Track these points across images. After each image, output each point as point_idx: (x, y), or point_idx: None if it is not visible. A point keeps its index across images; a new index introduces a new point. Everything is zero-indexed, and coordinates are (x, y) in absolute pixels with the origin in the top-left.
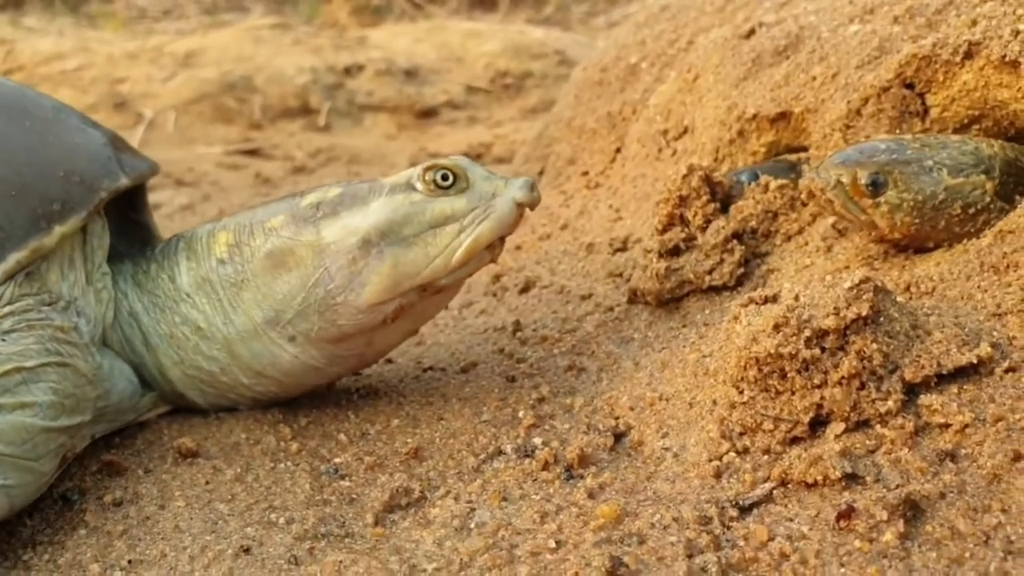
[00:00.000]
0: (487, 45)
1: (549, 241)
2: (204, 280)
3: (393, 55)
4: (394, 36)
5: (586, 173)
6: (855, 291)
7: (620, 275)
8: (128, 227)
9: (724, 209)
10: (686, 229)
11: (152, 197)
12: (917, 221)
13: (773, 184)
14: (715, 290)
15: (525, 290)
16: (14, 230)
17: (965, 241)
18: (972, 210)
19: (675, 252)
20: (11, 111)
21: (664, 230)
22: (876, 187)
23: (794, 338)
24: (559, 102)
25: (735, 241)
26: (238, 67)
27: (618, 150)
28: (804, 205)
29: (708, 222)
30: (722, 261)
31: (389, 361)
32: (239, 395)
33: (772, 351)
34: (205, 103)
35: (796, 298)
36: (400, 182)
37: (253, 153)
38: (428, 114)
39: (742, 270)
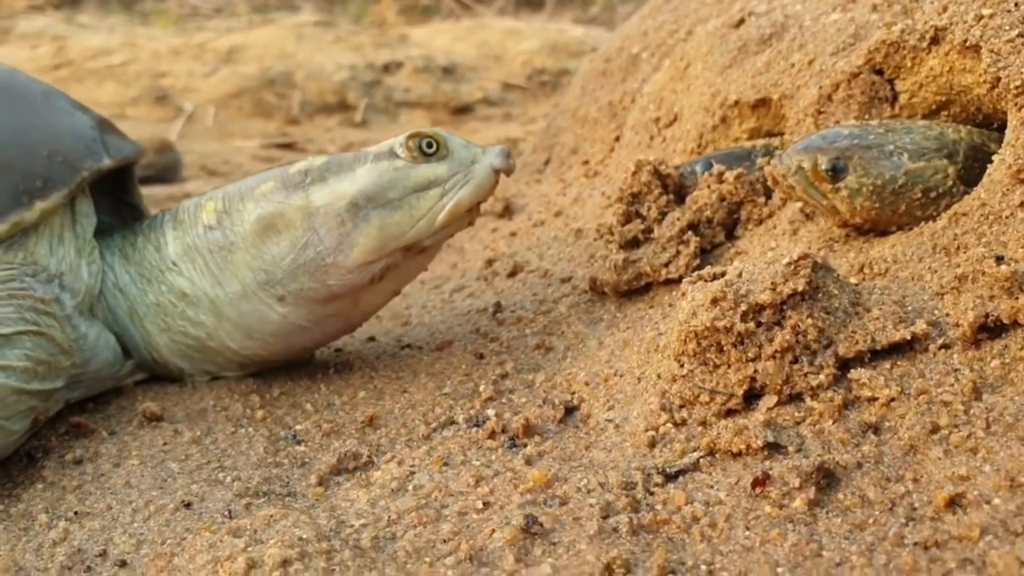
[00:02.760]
0: (526, 43)
1: (542, 228)
2: (191, 247)
3: (432, 53)
4: (435, 34)
5: (587, 162)
6: (793, 267)
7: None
8: (121, 208)
9: (681, 200)
10: (644, 222)
11: (183, 187)
12: (877, 205)
13: (730, 175)
14: (671, 282)
15: (513, 274)
16: None
17: (922, 224)
18: (934, 194)
19: (634, 243)
20: (1, 94)
21: (624, 223)
22: (836, 172)
23: (731, 312)
24: (567, 93)
25: (690, 232)
26: (279, 63)
27: (617, 139)
28: (766, 192)
29: (663, 214)
30: (678, 254)
31: (371, 339)
32: (225, 359)
33: (709, 324)
34: (245, 98)
35: (739, 274)
36: (383, 150)
37: (288, 147)
38: (463, 110)
39: (698, 261)
